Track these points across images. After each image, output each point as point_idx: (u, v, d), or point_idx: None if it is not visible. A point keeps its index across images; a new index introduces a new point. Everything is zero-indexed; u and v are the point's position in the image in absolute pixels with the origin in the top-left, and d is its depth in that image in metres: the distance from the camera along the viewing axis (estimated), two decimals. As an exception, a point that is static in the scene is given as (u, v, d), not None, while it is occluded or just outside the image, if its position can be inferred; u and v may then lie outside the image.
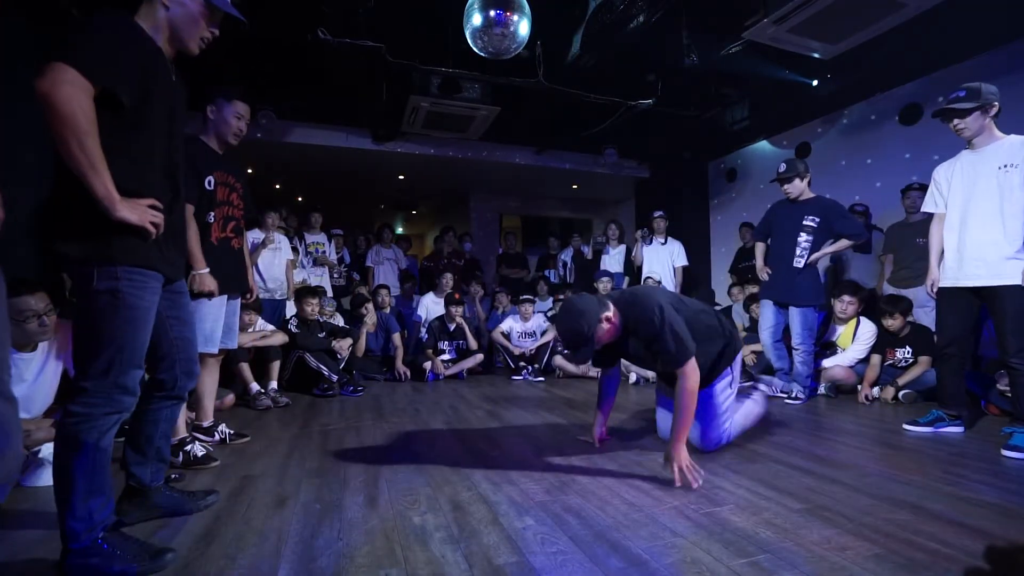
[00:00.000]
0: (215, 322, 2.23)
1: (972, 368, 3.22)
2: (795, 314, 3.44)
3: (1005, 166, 2.29)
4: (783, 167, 3.47)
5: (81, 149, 1.13)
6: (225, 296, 2.27)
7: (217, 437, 2.46)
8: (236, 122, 2.22)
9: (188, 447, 2.13)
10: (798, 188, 3.44)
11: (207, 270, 2.08)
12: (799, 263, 3.41)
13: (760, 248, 3.74)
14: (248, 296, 2.56)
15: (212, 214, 2.18)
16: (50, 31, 3.36)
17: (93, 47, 1.17)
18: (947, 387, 2.61)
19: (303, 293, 4.20)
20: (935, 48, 4.02)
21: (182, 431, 2.17)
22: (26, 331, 2.08)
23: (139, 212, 1.24)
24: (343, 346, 4.27)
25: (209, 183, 2.15)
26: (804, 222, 3.40)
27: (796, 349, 3.48)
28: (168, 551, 1.31)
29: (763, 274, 3.62)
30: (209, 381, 2.47)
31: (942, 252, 2.56)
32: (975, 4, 3.38)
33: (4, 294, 0.95)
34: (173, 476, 1.81)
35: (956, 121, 2.38)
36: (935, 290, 2.59)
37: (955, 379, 2.58)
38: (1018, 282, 2.27)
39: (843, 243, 3.41)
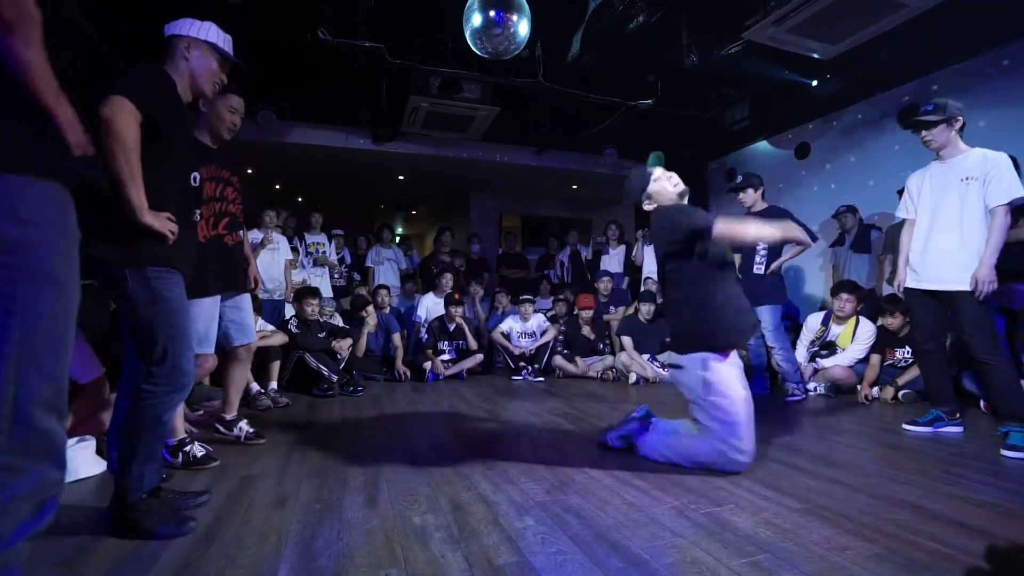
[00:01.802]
0: (209, 322, 2.17)
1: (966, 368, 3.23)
2: (763, 313, 3.57)
3: (967, 179, 2.42)
4: (739, 178, 3.71)
5: (127, 162, 1.39)
6: (218, 296, 2.20)
7: (235, 433, 2.47)
8: (229, 116, 2.19)
9: (187, 448, 2.13)
10: (751, 198, 3.68)
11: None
12: (759, 270, 3.63)
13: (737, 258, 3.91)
14: (253, 288, 2.52)
15: (199, 212, 2.07)
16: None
17: (142, 86, 1.48)
18: (933, 385, 2.69)
19: (303, 293, 4.19)
20: (935, 48, 4.02)
21: (180, 432, 2.16)
22: None
23: (160, 220, 1.47)
24: (343, 346, 4.26)
25: (195, 179, 2.01)
26: None
27: (773, 348, 3.58)
28: (191, 519, 1.51)
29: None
30: (238, 375, 2.51)
31: (908, 257, 2.71)
32: (975, 4, 3.37)
33: (77, 307, 0.98)
34: (162, 476, 1.81)
35: (924, 132, 2.52)
36: (902, 290, 2.73)
37: (939, 376, 2.66)
38: (968, 288, 2.37)
39: (796, 248, 3.51)
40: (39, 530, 0.87)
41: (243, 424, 2.51)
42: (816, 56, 3.81)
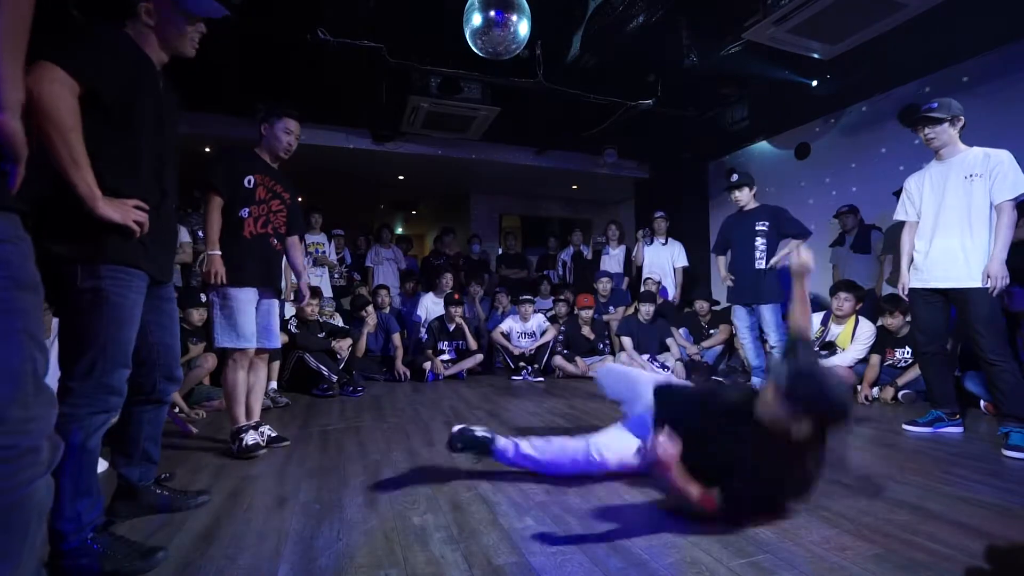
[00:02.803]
0: (249, 318, 2.26)
1: (961, 368, 3.25)
2: (765, 312, 3.62)
3: (970, 176, 2.43)
4: (735, 176, 3.75)
5: (64, 145, 1.16)
6: (256, 291, 2.30)
7: (257, 439, 2.32)
8: (285, 137, 2.35)
9: (243, 436, 2.27)
10: (746, 197, 3.71)
11: (219, 252, 2.16)
12: (760, 265, 3.64)
13: (722, 260, 4.00)
14: (286, 297, 2.60)
15: (247, 210, 2.26)
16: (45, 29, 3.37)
17: (82, 50, 1.23)
18: (934, 386, 2.69)
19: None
20: (935, 48, 4.02)
21: (241, 419, 2.32)
22: None
23: (122, 211, 1.26)
24: (343, 346, 4.26)
25: (249, 182, 2.25)
26: (756, 227, 3.67)
27: (774, 347, 3.60)
28: (159, 550, 1.31)
29: (727, 281, 3.88)
30: (256, 379, 2.46)
31: (912, 257, 2.72)
32: (975, 4, 3.37)
33: (43, 345, 0.90)
34: (164, 476, 1.81)
35: (927, 130, 2.51)
36: (905, 292, 2.73)
37: (940, 377, 2.67)
38: (979, 282, 2.37)
39: (794, 243, 3.54)
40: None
41: (265, 428, 2.45)
42: (816, 56, 3.81)
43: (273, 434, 2.47)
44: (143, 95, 1.37)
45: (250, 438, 2.28)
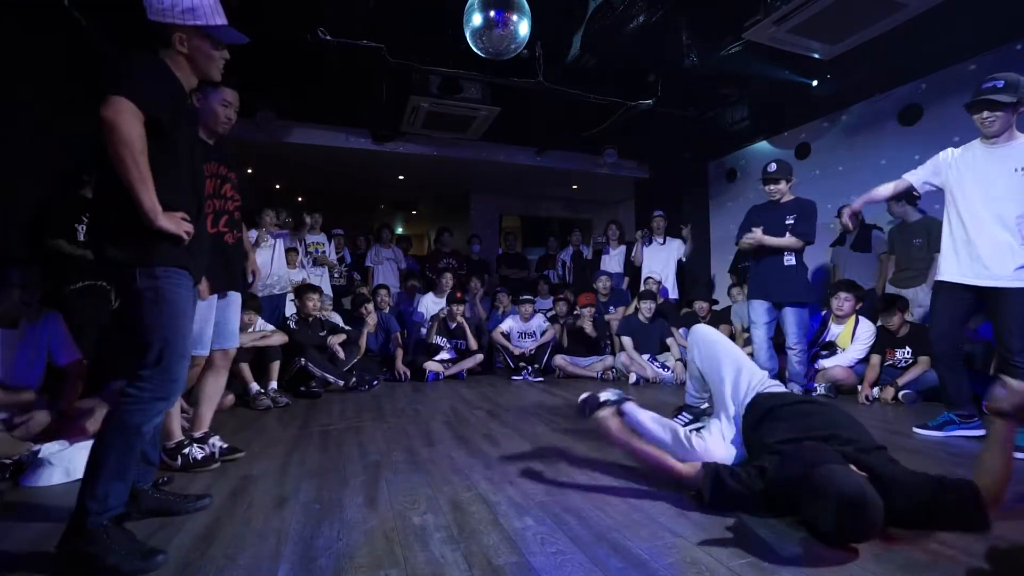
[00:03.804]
0: (203, 323, 2.10)
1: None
2: (789, 314, 3.42)
3: (1020, 169, 2.23)
4: (773, 167, 3.46)
5: (136, 166, 1.33)
6: (215, 296, 2.14)
7: (208, 450, 2.15)
8: (223, 110, 2.10)
9: (186, 451, 2.10)
10: (783, 190, 3.46)
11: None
12: (791, 261, 3.41)
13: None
14: (253, 280, 2.51)
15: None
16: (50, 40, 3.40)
17: (142, 82, 1.38)
18: (947, 387, 2.56)
19: (304, 289, 4.21)
20: (935, 48, 4.02)
21: (177, 435, 2.12)
22: (10, 300, 2.25)
23: (175, 222, 1.43)
24: (335, 342, 4.25)
25: None
26: (787, 222, 3.42)
27: (792, 349, 3.45)
28: (159, 552, 1.33)
29: (752, 236, 3.46)
30: (211, 385, 2.25)
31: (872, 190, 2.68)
32: (975, 4, 3.38)
33: None
34: (162, 479, 1.81)
35: (987, 113, 2.25)
36: (853, 211, 2.74)
37: (954, 377, 2.53)
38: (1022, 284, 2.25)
39: (789, 240, 3.37)
40: None
41: (215, 440, 2.22)
42: (816, 56, 3.81)
43: (224, 446, 2.24)
44: (183, 119, 1.52)
45: (197, 451, 2.11)
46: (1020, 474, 1.95)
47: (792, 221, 3.40)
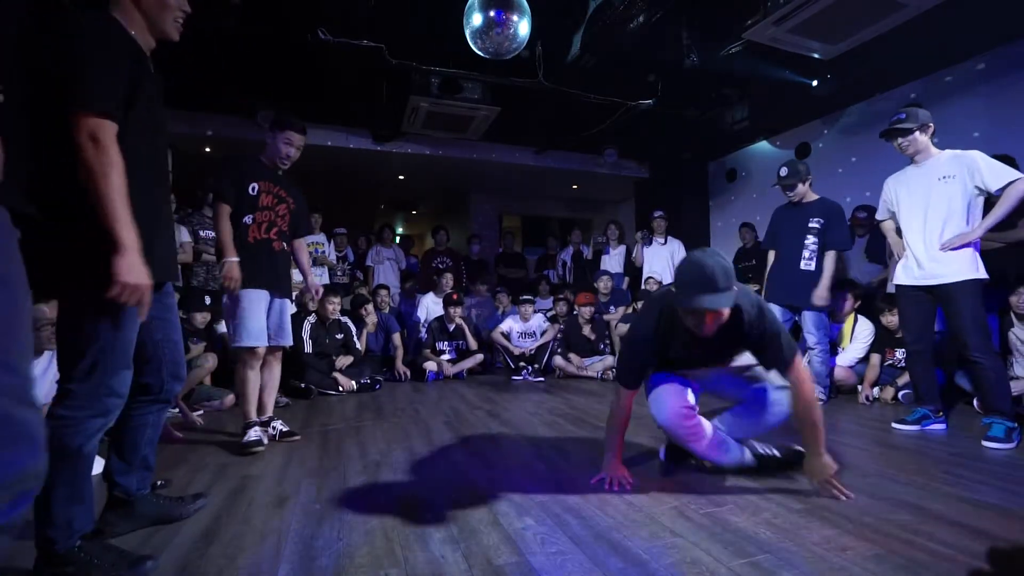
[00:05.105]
0: (258, 318, 2.37)
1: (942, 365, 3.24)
2: (808, 317, 3.37)
3: (944, 177, 2.55)
4: (784, 171, 3.37)
5: (121, 198, 1.19)
6: (266, 292, 2.41)
7: (270, 432, 2.52)
8: (284, 148, 2.44)
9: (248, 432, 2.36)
10: (801, 192, 3.38)
11: (236, 259, 2.26)
12: (809, 266, 3.33)
13: (771, 256, 3.62)
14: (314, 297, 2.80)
15: (251, 216, 2.37)
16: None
17: (104, 84, 1.21)
18: (922, 384, 2.75)
19: (325, 293, 4.19)
20: (935, 48, 4.02)
21: (252, 415, 2.42)
22: (39, 339, 2.16)
23: (136, 283, 1.21)
24: (343, 364, 4.23)
25: (252, 189, 2.38)
26: (810, 224, 3.34)
27: (812, 350, 3.40)
28: (148, 559, 1.29)
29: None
30: (270, 376, 2.57)
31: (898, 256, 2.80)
32: (975, 4, 3.37)
33: (30, 305, 0.91)
34: (160, 483, 1.79)
35: (900, 140, 2.67)
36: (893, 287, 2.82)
37: (927, 375, 2.74)
38: (965, 276, 2.45)
39: (832, 256, 3.28)
40: (10, 521, 0.84)
41: (278, 424, 2.57)
42: (816, 56, 3.81)
43: (284, 429, 2.58)
44: (140, 94, 1.30)
45: (253, 434, 2.37)
46: (1021, 475, 1.96)
47: (817, 225, 3.32)
